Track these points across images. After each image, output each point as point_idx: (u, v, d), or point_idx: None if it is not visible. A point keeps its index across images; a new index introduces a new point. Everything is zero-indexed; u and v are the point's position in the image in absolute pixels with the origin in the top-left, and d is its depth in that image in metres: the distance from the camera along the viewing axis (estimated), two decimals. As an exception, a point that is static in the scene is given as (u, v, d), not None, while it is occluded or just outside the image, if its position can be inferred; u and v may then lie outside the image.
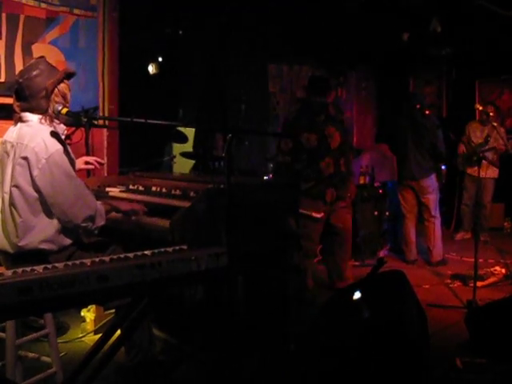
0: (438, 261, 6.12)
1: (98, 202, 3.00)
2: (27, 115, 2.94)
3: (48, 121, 2.94)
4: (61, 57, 4.91)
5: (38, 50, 4.78)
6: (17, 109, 2.97)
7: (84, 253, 2.97)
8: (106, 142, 5.17)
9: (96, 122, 4.95)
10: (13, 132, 2.97)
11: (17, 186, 2.84)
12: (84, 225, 2.88)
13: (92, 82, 5.12)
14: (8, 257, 2.91)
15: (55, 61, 4.86)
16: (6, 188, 2.89)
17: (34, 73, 2.92)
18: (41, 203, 2.85)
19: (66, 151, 2.89)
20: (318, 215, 4.74)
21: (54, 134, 2.89)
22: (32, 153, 2.80)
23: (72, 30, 4.99)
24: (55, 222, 2.89)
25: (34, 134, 2.86)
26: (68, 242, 2.95)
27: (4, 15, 4.63)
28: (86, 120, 4.51)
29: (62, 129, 3.04)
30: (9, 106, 4.15)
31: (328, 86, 4.86)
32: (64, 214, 2.85)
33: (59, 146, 2.85)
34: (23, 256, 2.84)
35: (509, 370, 3.33)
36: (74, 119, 3.80)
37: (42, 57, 3.11)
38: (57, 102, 2.96)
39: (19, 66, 4.65)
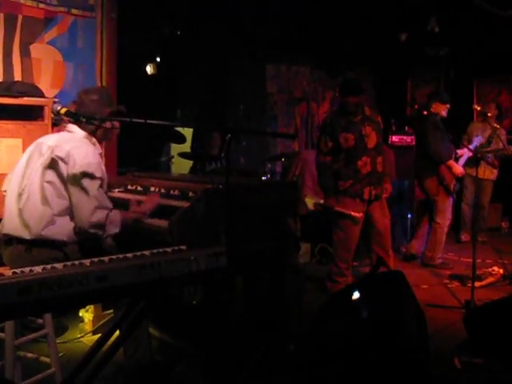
0: (434, 264, 6.12)
1: (114, 210, 3.09)
2: (74, 127, 3.18)
3: (90, 138, 3.18)
4: (59, 57, 4.91)
5: (36, 50, 4.78)
6: (66, 119, 3.19)
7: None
8: (104, 143, 5.15)
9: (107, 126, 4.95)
10: (52, 137, 3.22)
11: (50, 182, 3.01)
12: (93, 231, 2.99)
13: (90, 82, 5.11)
14: (22, 242, 3.03)
15: (53, 61, 4.87)
16: (31, 180, 3.05)
17: (96, 97, 3.19)
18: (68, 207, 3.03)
19: (102, 165, 3.11)
20: (357, 215, 4.84)
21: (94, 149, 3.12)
22: (71, 158, 2.99)
23: (70, 30, 4.99)
24: (72, 223, 3.06)
25: (77, 143, 3.08)
26: (76, 239, 3.09)
27: (2, 15, 4.62)
28: (84, 120, 4.51)
29: (98, 149, 3.22)
30: (8, 106, 4.19)
31: (361, 86, 4.96)
32: (78, 214, 3.01)
33: (98, 160, 3.08)
34: (39, 243, 3.01)
35: (507, 369, 3.33)
36: (72, 119, 3.80)
37: (105, 87, 3.59)
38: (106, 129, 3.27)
39: (17, 66, 4.66)
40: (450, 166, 5.88)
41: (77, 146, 3.04)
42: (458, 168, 5.90)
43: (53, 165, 3.01)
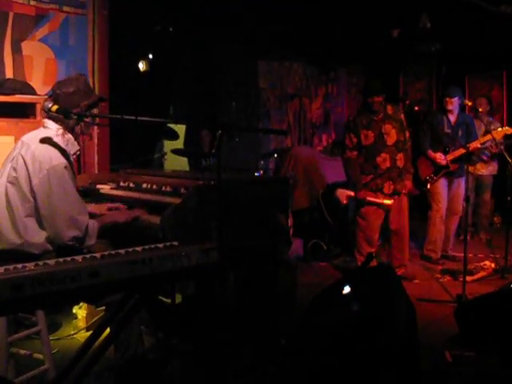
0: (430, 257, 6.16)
1: (92, 221, 2.98)
2: (48, 122, 3.01)
3: (64, 135, 2.99)
4: (50, 54, 4.90)
5: (27, 47, 4.77)
6: (44, 114, 3.02)
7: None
8: (96, 140, 5.16)
9: (86, 120, 4.94)
10: (32, 132, 3.05)
11: (13, 184, 2.87)
12: (70, 243, 2.87)
13: (82, 79, 5.11)
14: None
15: (45, 58, 4.86)
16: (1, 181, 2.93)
17: (72, 89, 2.99)
18: (34, 210, 2.87)
19: (69, 167, 2.92)
20: (389, 202, 5.21)
21: (62, 150, 2.92)
22: (35, 161, 2.84)
23: (62, 27, 4.98)
24: (45, 232, 2.90)
25: (45, 142, 2.90)
26: (51, 248, 2.94)
27: (-7, 13, 4.61)
28: (76, 117, 4.51)
29: (75, 148, 3.07)
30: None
31: (382, 86, 5.25)
32: (53, 229, 2.86)
33: (63, 160, 2.88)
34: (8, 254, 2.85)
35: (498, 362, 3.36)
36: (64, 117, 3.79)
37: (82, 75, 3.23)
38: (86, 123, 3.08)
39: (8, 64, 4.65)
40: (432, 157, 5.90)
41: (42, 146, 2.88)
42: (440, 158, 5.90)
43: (19, 168, 2.87)
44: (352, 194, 5.34)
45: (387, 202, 5.20)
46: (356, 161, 5.27)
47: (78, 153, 3.17)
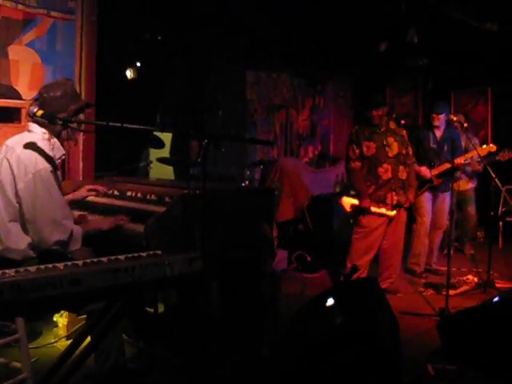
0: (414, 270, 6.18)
1: (76, 226, 2.97)
2: (33, 126, 2.99)
3: (49, 140, 2.96)
4: (37, 59, 4.88)
5: (14, 51, 4.74)
6: (29, 118, 3.00)
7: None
8: (81, 146, 5.13)
9: (72, 126, 4.91)
10: (16, 136, 3.03)
11: None
12: (55, 248, 2.85)
13: (69, 85, 5.08)
14: None
15: (32, 63, 4.83)
16: None
17: (59, 93, 2.97)
18: (20, 216, 2.85)
19: (54, 172, 2.89)
20: (392, 213, 5.26)
21: (47, 155, 2.89)
22: (21, 165, 2.81)
23: (49, 32, 4.96)
24: (29, 238, 2.87)
25: (29, 147, 2.88)
26: (33, 255, 2.92)
27: (-20, 16, 4.58)
28: (61, 123, 4.48)
29: (60, 153, 3.05)
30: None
31: (384, 100, 5.59)
32: (37, 233, 2.84)
33: (48, 165, 2.85)
34: None
35: (480, 376, 3.37)
36: (49, 122, 3.75)
37: (70, 79, 3.23)
38: (72, 128, 3.06)
39: (-5, 68, 4.62)
40: (417, 171, 5.91)
41: (27, 150, 2.86)
42: (425, 172, 5.93)
43: (0, 167, 2.88)
44: (356, 202, 5.38)
45: (390, 213, 5.26)
46: (360, 171, 5.35)
47: (64, 157, 3.15)
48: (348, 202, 5.51)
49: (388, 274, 5.49)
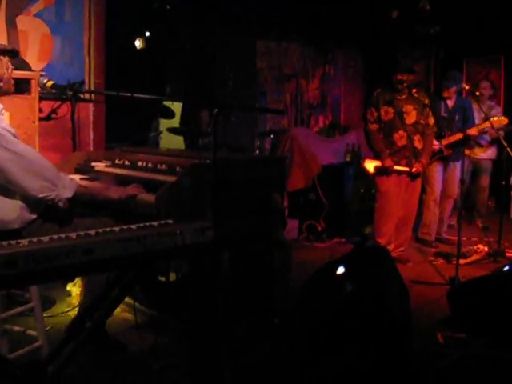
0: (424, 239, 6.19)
1: (65, 174, 2.93)
2: None
3: None
4: (46, 30, 4.85)
5: (22, 22, 4.71)
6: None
7: (50, 225, 2.89)
8: (92, 117, 5.13)
9: (82, 96, 4.92)
10: None
11: None
12: (44, 195, 2.77)
13: (78, 56, 5.06)
14: None
15: (41, 34, 4.81)
16: None
17: None
18: None
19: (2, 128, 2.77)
20: (414, 169, 5.31)
21: None
22: None
23: (57, 2, 4.91)
24: (18, 200, 2.82)
25: None
26: (33, 217, 2.88)
27: (-13, -14, 4.55)
28: (71, 94, 4.49)
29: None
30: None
31: (411, 66, 5.53)
32: (21, 189, 2.76)
33: None
34: None
35: (488, 344, 3.39)
36: (59, 93, 3.77)
37: None
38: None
39: (3, 39, 4.59)
40: None
41: None
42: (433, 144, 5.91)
43: None
44: (379, 163, 5.42)
45: (414, 169, 5.30)
46: (378, 133, 5.41)
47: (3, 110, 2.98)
48: (371, 164, 5.52)
49: (399, 242, 5.53)
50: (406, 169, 5.31)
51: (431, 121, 5.41)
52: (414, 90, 5.38)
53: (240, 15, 7.31)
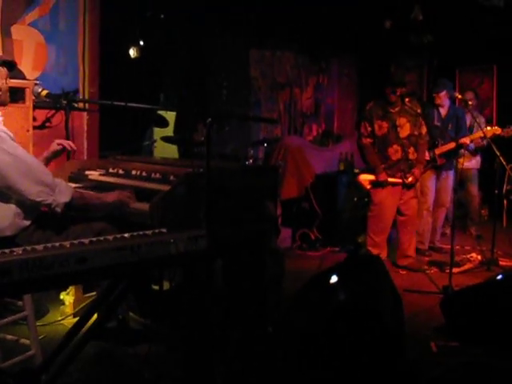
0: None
1: (60, 180, 2.93)
2: None
3: None
4: (41, 39, 4.86)
5: (17, 31, 4.72)
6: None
7: (42, 232, 2.92)
8: (86, 126, 5.13)
9: (76, 105, 4.92)
10: None
11: None
12: (41, 199, 2.79)
13: (72, 64, 5.07)
14: None
15: (35, 43, 4.82)
16: None
17: None
18: None
19: (2, 130, 2.82)
20: (408, 180, 5.35)
21: None
22: None
23: (52, 11, 4.93)
24: (12, 206, 2.84)
25: None
26: (26, 223, 2.90)
27: (-18, -5, 4.56)
28: (65, 103, 4.50)
29: None
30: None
31: (403, 79, 5.64)
32: (18, 194, 2.79)
33: None
34: None
35: (481, 353, 3.40)
36: (53, 102, 3.78)
37: None
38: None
39: (-2, 47, 4.61)
40: None
41: None
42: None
43: None
44: (373, 177, 5.46)
45: (409, 179, 5.34)
46: (371, 147, 5.44)
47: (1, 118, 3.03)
48: (366, 178, 5.56)
49: (405, 250, 5.58)
50: (400, 180, 5.36)
51: (423, 130, 5.45)
52: (407, 99, 5.42)
53: (234, 24, 7.34)
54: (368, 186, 5.54)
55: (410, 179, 5.33)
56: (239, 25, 7.38)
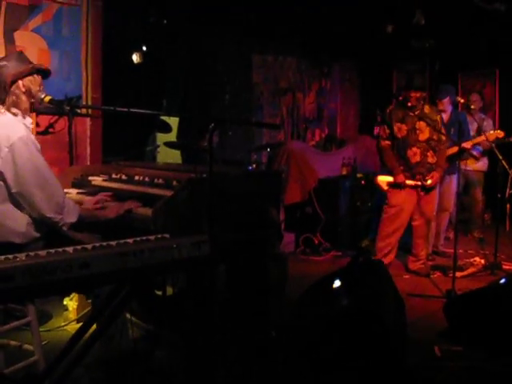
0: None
1: (70, 200, 2.97)
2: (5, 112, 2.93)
3: (10, 111, 2.92)
4: (44, 45, 4.88)
5: (20, 37, 4.75)
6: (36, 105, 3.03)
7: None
8: (89, 131, 5.15)
9: (79, 111, 4.94)
10: None
11: None
12: (51, 216, 2.83)
13: (75, 70, 5.10)
14: None
15: (38, 49, 4.84)
16: None
17: (1, 64, 2.94)
18: (8, 193, 2.83)
19: (32, 140, 2.86)
20: (429, 181, 5.34)
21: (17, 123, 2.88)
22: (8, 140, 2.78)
23: (55, 17, 4.96)
24: (26, 215, 2.86)
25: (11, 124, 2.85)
26: (37, 235, 2.91)
27: (-14, 2, 4.58)
28: (68, 108, 4.51)
29: (28, 122, 3.01)
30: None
31: (422, 83, 5.63)
32: (30, 204, 2.82)
33: (22, 134, 2.82)
34: None
35: (485, 357, 3.39)
36: (56, 108, 3.79)
37: (21, 51, 3.13)
38: (18, 96, 2.95)
39: (1, 54, 4.62)
40: None
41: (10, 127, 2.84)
42: None
43: None
44: (391, 179, 5.46)
45: (428, 182, 5.33)
46: (390, 149, 5.45)
47: (32, 126, 3.07)
48: (384, 180, 5.56)
49: (417, 252, 5.59)
50: (419, 183, 5.36)
51: (443, 137, 5.45)
52: (427, 107, 5.43)
53: (236, 30, 7.36)
54: (386, 188, 5.54)
55: (429, 182, 5.32)
56: (241, 30, 7.40)
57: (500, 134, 5.82)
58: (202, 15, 6.88)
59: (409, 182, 5.36)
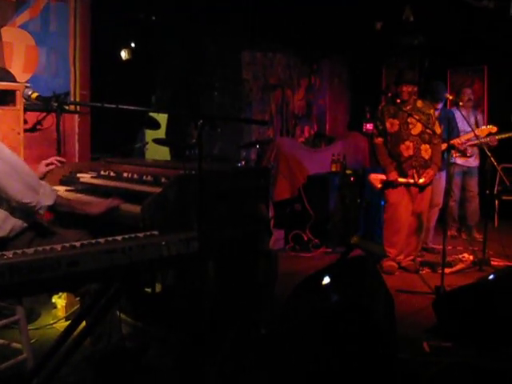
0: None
1: (45, 183, 2.99)
2: None
3: None
4: (31, 41, 4.84)
5: (7, 33, 4.70)
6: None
7: (43, 240, 2.95)
8: (77, 128, 5.12)
9: (67, 108, 4.90)
10: None
11: None
12: (27, 201, 2.85)
13: (63, 67, 5.06)
14: None
15: (25, 45, 4.80)
16: None
17: None
18: None
19: None
20: (422, 180, 5.33)
21: None
22: None
23: (43, 13, 4.91)
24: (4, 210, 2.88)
25: None
26: (19, 225, 2.94)
27: (-28, -3, 4.54)
28: (56, 105, 4.47)
29: None
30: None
31: (413, 77, 5.58)
32: (3, 191, 2.84)
33: None
34: None
35: (474, 353, 3.41)
36: (44, 104, 3.77)
37: None
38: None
39: (-12, 50, 4.58)
40: None
41: None
42: None
43: None
44: (384, 177, 5.47)
45: (421, 180, 5.32)
46: (383, 146, 5.48)
47: None
48: (376, 178, 5.57)
49: (408, 251, 5.60)
50: (411, 181, 5.35)
51: (438, 129, 5.44)
52: (419, 101, 5.44)
53: (226, 26, 7.34)
54: (379, 186, 5.54)
55: (421, 180, 5.31)
56: (231, 27, 7.38)
57: (493, 128, 5.84)
58: (191, 13, 6.85)
59: (401, 180, 5.36)
